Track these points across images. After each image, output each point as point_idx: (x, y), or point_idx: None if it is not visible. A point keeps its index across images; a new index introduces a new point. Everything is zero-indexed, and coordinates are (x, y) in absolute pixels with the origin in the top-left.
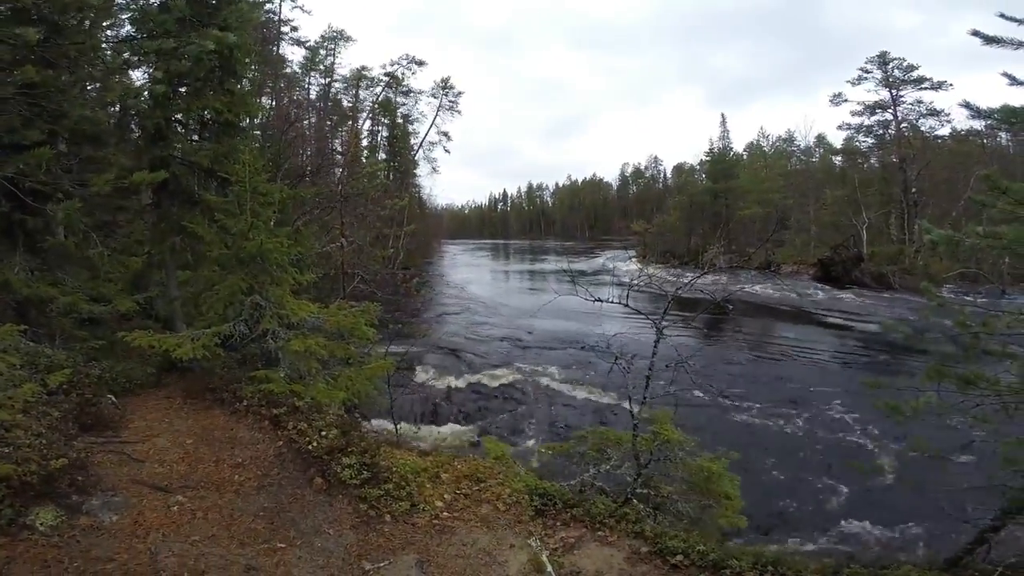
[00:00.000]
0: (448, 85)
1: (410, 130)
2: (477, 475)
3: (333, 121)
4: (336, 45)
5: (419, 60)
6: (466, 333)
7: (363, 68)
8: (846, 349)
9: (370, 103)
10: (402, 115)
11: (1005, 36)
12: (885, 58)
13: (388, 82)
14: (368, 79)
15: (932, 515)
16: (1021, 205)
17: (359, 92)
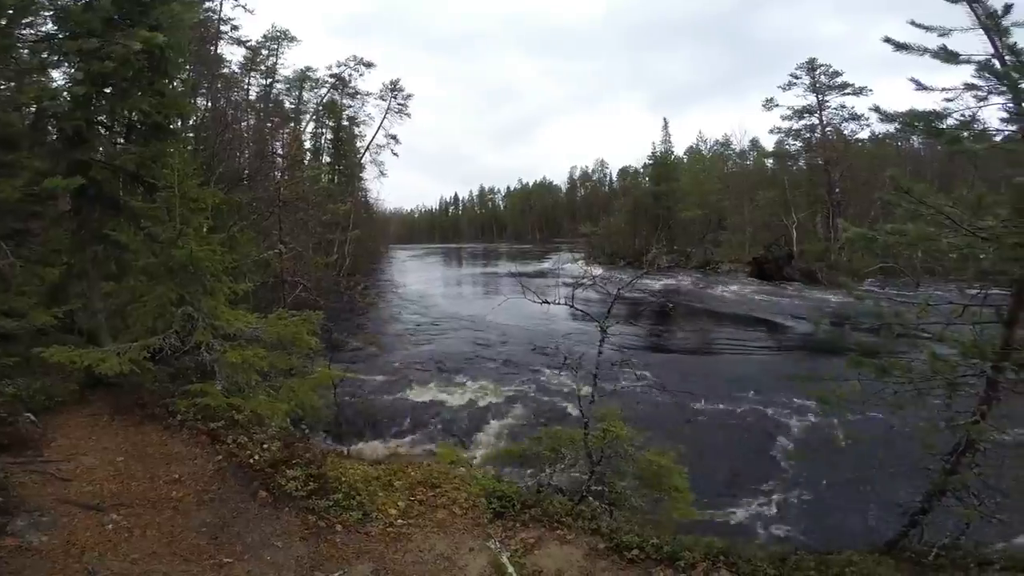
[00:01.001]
0: (398, 87)
1: (357, 133)
2: (432, 481)
3: (274, 123)
4: (279, 45)
5: (367, 62)
6: (416, 339)
7: (307, 69)
8: (778, 342)
9: (314, 105)
10: (348, 117)
11: (913, 43)
12: (813, 64)
13: (334, 83)
14: (312, 80)
15: (868, 500)
16: (923, 204)
17: (302, 93)
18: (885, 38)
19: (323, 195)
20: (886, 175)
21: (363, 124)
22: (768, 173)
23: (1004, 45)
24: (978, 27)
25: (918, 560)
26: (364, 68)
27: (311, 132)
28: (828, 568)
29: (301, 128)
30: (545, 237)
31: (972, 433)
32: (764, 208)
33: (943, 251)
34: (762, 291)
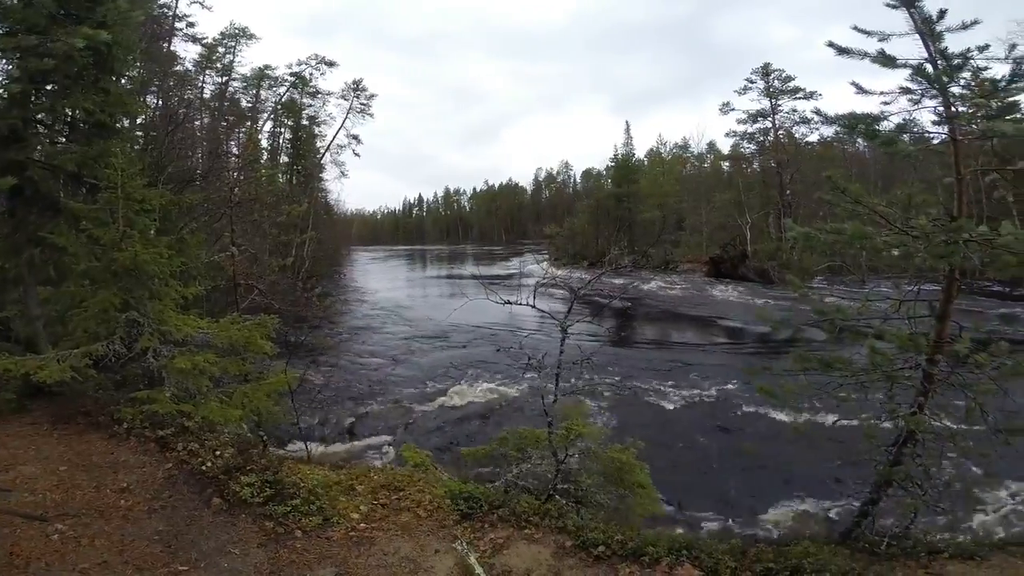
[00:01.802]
0: (360, 87)
1: (317, 132)
2: (395, 484)
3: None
4: (237, 43)
5: (329, 61)
6: (377, 341)
7: (266, 67)
8: (732, 339)
9: (273, 104)
10: (308, 117)
11: (855, 48)
12: (767, 69)
13: (294, 82)
14: (272, 79)
15: (821, 491)
16: (858, 203)
17: (260, 92)
18: (828, 42)
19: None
20: (823, 175)
21: (324, 124)
22: (724, 175)
23: (936, 49)
24: (915, 32)
25: (871, 550)
26: (326, 67)
27: (269, 131)
28: (786, 559)
29: (258, 127)
30: (511, 238)
31: (911, 424)
32: (720, 209)
33: (879, 249)
34: (718, 289)
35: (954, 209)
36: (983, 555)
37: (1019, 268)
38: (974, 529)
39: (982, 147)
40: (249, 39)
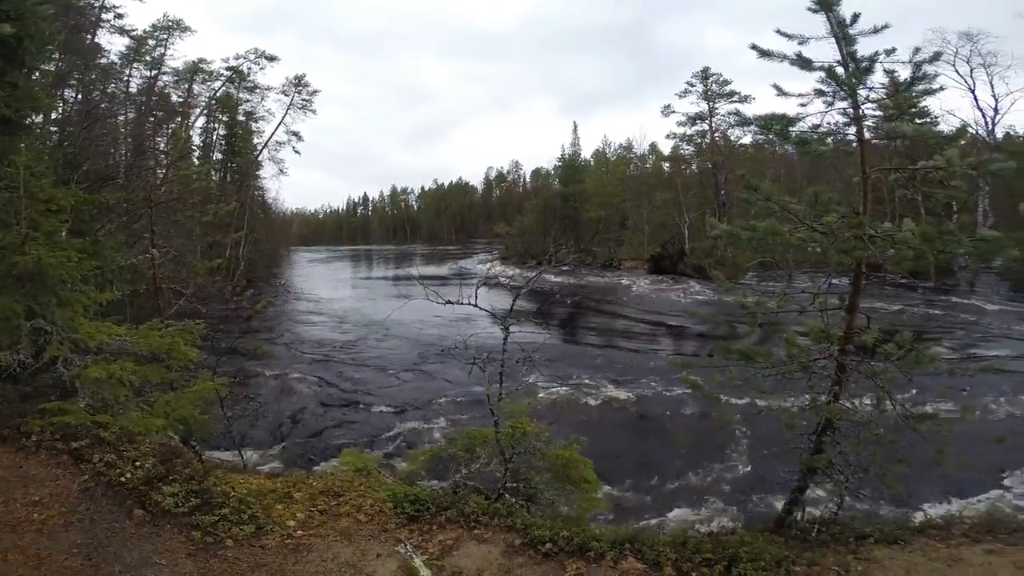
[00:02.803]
0: (303, 82)
1: (254, 129)
2: (335, 490)
3: (157, 117)
4: (170, 35)
5: (269, 55)
6: (317, 346)
7: (201, 61)
8: (668, 333)
9: (207, 99)
10: (245, 112)
11: (775, 51)
12: (706, 73)
13: (230, 77)
14: (206, 73)
15: (755, 480)
16: (769, 201)
17: (193, 87)
18: (752, 45)
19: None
20: (738, 174)
21: (262, 120)
22: (664, 175)
23: (848, 52)
24: (831, 35)
25: (803, 537)
26: (266, 61)
27: (201, 127)
28: (724, 549)
29: (189, 123)
30: (461, 238)
31: (828, 413)
32: (660, 208)
33: (792, 245)
34: (657, 286)
35: (860, 207)
36: (906, 539)
37: (916, 262)
38: (896, 514)
39: (889, 147)
40: (184, 32)
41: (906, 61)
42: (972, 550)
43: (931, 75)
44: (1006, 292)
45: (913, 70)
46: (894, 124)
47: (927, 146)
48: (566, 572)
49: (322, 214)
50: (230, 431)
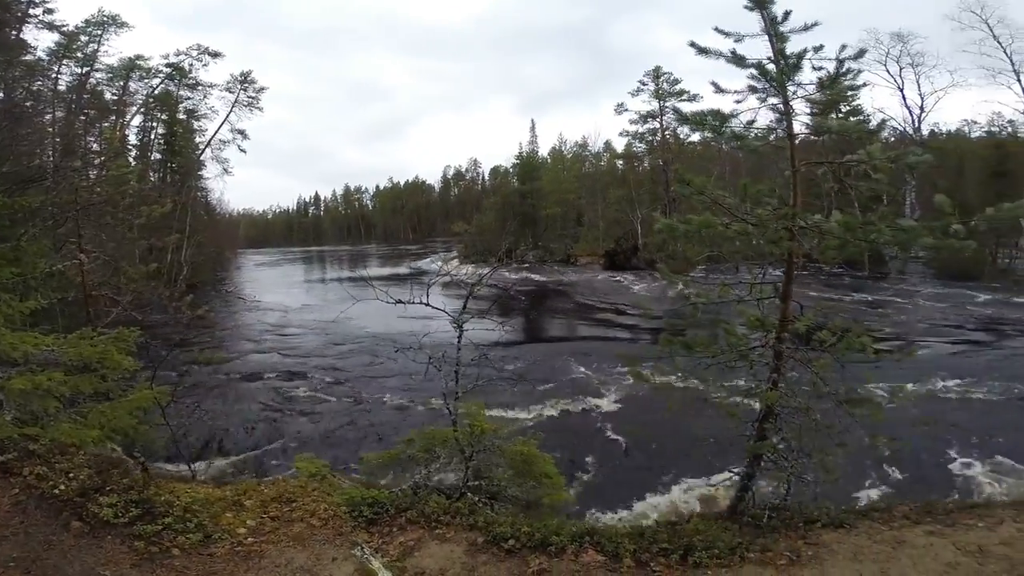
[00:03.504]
0: (249, 80)
1: (196, 127)
2: (287, 496)
3: (88, 116)
4: (105, 31)
5: (213, 51)
6: (266, 351)
7: (138, 57)
8: (622, 326)
9: (144, 96)
10: (186, 111)
11: (712, 48)
12: (658, 73)
13: (170, 73)
14: (144, 70)
15: (707, 468)
16: (701, 194)
17: (129, 84)
18: (691, 43)
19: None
20: (674, 169)
21: (204, 118)
22: (618, 173)
23: (778, 50)
24: (764, 33)
25: (755, 523)
26: (209, 58)
27: (138, 126)
28: (680, 537)
29: (125, 122)
30: (419, 237)
31: (767, 400)
32: (614, 205)
33: (728, 237)
34: (612, 281)
35: (790, 199)
36: (851, 523)
37: (840, 251)
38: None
39: (819, 142)
40: (120, 28)
41: (832, 58)
42: (914, 532)
43: (855, 71)
44: (931, 280)
45: (837, 66)
46: (820, 119)
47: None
48: (529, 567)
49: (271, 215)
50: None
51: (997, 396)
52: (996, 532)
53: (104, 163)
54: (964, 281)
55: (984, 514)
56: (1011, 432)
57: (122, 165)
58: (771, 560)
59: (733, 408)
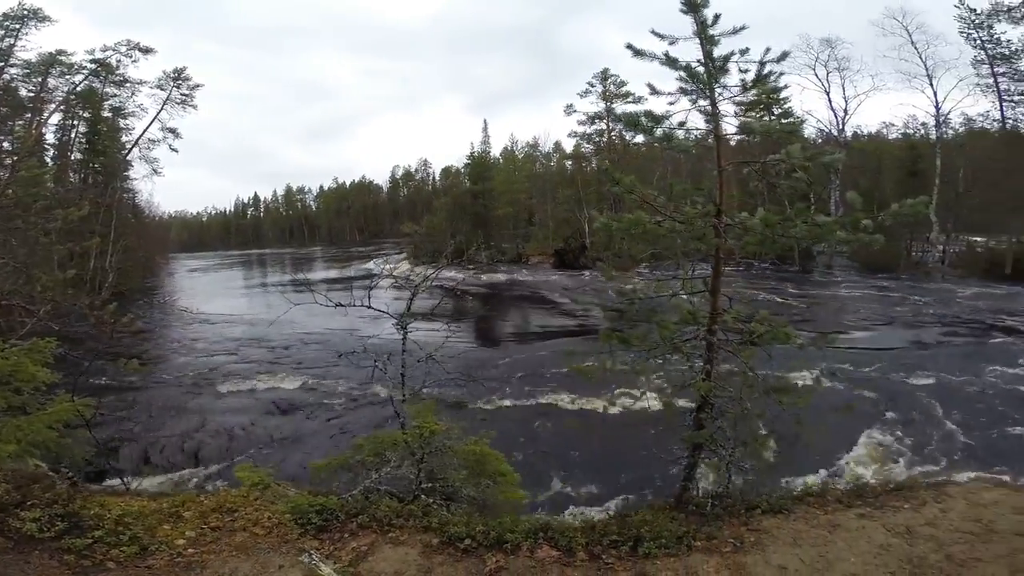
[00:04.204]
0: (182, 76)
1: (122, 126)
2: (228, 506)
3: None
4: (23, 25)
5: (145, 47)
6: (205, 360)
7: (59, 52)
8: (569, 323)
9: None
10: (112, 108)
11: (647, 50)
12: (605, 75)
13: (95, 70)
14: (65, 66)
15: (654, 460)
16: (630, 193)
17: (48, 80)
18: (627, 45)
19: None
20: (603, 169)
21: (133, 116)
22: (567, 173)
23: (706, 52)
24: (696, 36)
25: (700, 512)
26: (139, 54)
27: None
28: (628, 529)
29: (41, 120)
30: (366, 238)
31: (701, 390)
32: (563, 204)
33: (661, 234)
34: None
35: (717, 198)
36: (789, 508)
37: (760, 246)
38: (777, 483)
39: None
40: (41, 21)
41: (757, 61)
42: (847, 515)
43: (777, 73)
44: (854, 272)
45: (759, 68)
46: (745, 120)
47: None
48: (486, 566)
49: (206, 217)
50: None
51: (906, 379)
52: (921, 513)
53: (16, 163)
54: (882, 273)
55: (908, 496)
56: (922, 413)
57: (33, 166)
58: (716, 548)
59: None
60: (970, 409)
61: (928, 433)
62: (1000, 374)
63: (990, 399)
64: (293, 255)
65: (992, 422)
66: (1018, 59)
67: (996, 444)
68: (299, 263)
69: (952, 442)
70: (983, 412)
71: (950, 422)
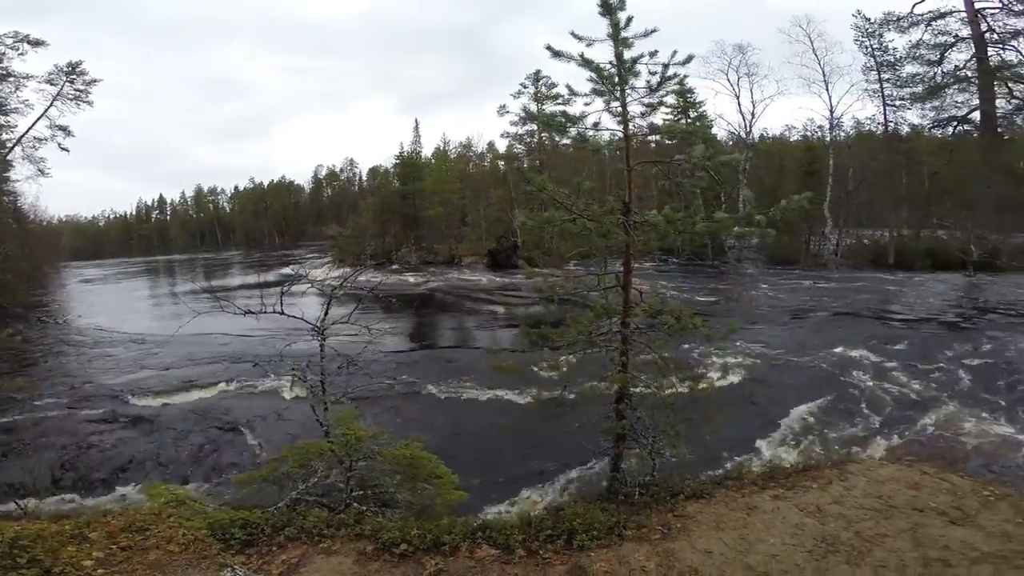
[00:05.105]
0: (77, 71)
1: (3, 122)
2: (139, 525)
3: None
4: None
5: (34, 39)
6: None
7: None
8: (498, 323)
9: None
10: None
11: (565, 51)
12: (537, 76)
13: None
14: None
15: (582, 452)
16: (542, 191)
17: None
18: (546, 46)
19: None
20: (516, 168)
21: (16, 112)
22: (500, 173)
23: (617, 54)
24: (609, 38)
25: (628, 501)
26: (27, 46)
27: None
28: (562, 523)
29: None
30: (286, 241)
31: (618, 382)
32: (495, 204)
33: (575, 232)
34: (493, 279)
35: (626, 196)
36: (709, 492)
37: (663, 241)
38: (698, 469)
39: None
40: None
41: (664, 64)
42: (762, 497)
43: (682, 76)
44: (762, 266)
45: (662, 70)
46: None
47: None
48: (425, 569)
49: (103, 221)
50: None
51: (806, 361)
52: (828, 492)
53: None
54: (786, 265)
55: (816, 475)
56: (831, 393)
57: None
58: (646, 536)
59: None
60: (873, 387)
61: (835, 411)
62: (895, 352)
63: (892, 376)
64: (205, 261)
65: (893, 399)
66: (901, 66)
67: (894, 418)
68: (212, 269)
69: (855, 419)
70: (885, 389)
71: (854, 400)
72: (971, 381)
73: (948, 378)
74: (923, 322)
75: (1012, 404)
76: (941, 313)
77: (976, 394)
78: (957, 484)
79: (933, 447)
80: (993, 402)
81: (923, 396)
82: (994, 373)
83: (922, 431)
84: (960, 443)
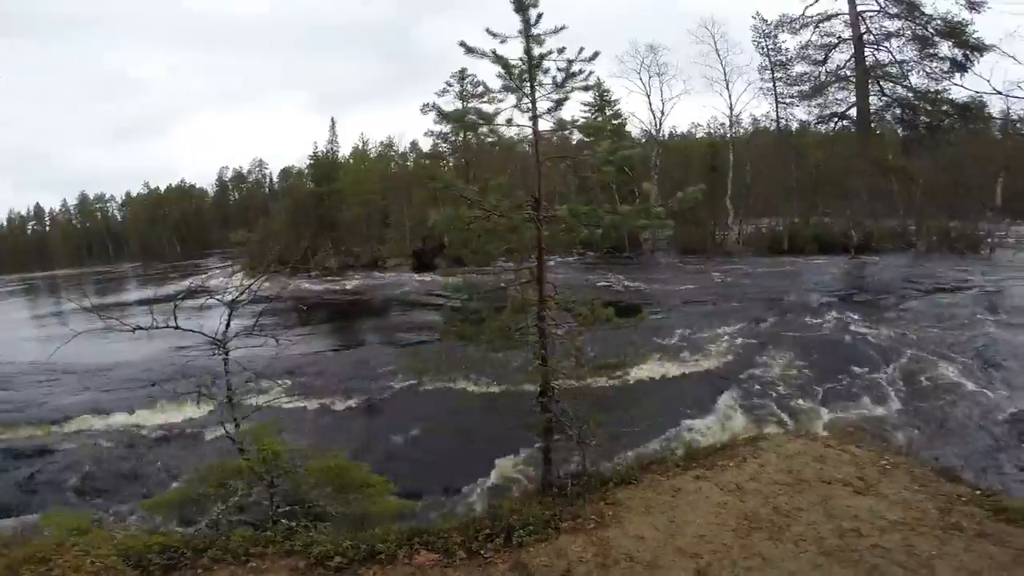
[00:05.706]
0: None
1: None
2: (40, 555)
3: None
4: None
5: None
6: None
7: None
8: (423, 325)
9: None
10: None
11: (477, 47)
12: (463, 74)
13: None
14: None
15: (514, 447)
16: (448, 188)
17: None
18: (460, 42)
19: None
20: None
21: None
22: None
23: (528, 50)
24: (521, 35)
25: (562, 493)
26: None
27: None
28: (500, 520)
29: None
30: (189, 250)
31: (540, 375)
32: (420, 205)
33: (488, 229)
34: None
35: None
36: (637, 478)
37: (569, 234)
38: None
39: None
40: None
41: (573, 59)
42: (685, 478)
43: (587, 72)
44: (674, 255)
45: (567, 66)
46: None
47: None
48: None
49: None
50: None
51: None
52: (743, 470)
53: None
54: (695, 254)
55: (731, 454)
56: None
57: None
58: (581, 526)
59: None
60: (788, 364)
61: (747, 393)
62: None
63: (806, 354)
64: (97, 276)
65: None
66: (792, 65)
67: (798, 394)
68: (105, 284)
69: (764, 398)
70: (800, 365)
71: (768, 377)
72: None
73: (849, 354)
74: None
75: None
76: (829, 293)
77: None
78: (857, 455)
79: (833, 420)
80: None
81: (824, 370)
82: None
83: (824, 403)
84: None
